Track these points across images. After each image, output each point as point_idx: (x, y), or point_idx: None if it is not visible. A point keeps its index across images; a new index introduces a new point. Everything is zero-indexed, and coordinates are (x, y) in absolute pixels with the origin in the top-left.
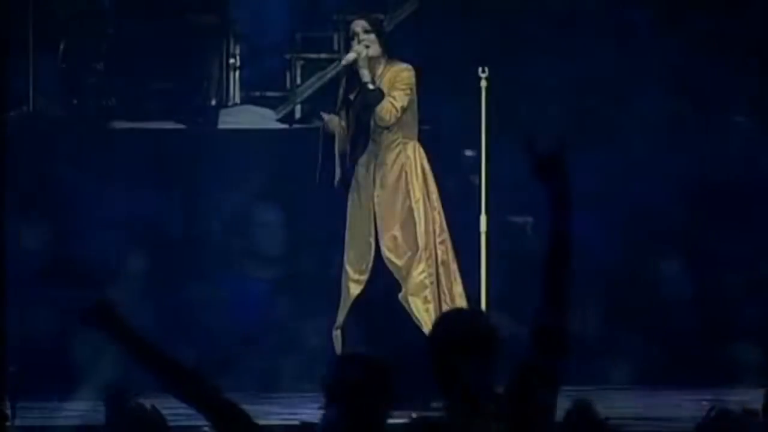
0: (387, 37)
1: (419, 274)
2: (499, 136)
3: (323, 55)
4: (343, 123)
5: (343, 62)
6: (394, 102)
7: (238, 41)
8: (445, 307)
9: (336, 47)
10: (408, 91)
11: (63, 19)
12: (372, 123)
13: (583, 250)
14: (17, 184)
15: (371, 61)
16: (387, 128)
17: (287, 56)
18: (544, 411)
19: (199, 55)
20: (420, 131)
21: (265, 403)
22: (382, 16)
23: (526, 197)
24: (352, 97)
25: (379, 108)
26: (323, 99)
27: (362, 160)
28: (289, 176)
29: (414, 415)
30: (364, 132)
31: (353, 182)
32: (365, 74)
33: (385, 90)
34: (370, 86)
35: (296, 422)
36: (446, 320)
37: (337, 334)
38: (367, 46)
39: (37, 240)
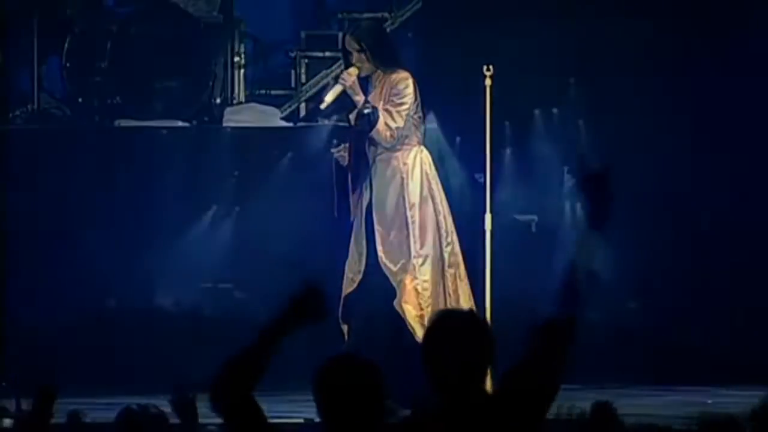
0: (386, 44)
1: (411, 281)
2: (504, 135)
3: (328, 54)
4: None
5: (322, 106)
6: (388, 123)
7: (243, 39)
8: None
9: (341, 45)
10: (405, 106)
11: (67, 17)
12: (369, 143)
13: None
14: (21, 182)
15: (368, 78)
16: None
17: (292, 54)
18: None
19: (204, 53)
20: (425, 130)
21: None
22: (386, 15)
23: (531, 196)
24: (351, 118)
25: (374, 133)
26: None
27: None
28: (293, 174)
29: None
30: (363, 154)
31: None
32: (357, 101)
33: (381, 104)
34: (365, 110)
35: (300, 420)
36: (439, 319)
37: (344, 328)
38: (359, 67)
39: (40, 240)
